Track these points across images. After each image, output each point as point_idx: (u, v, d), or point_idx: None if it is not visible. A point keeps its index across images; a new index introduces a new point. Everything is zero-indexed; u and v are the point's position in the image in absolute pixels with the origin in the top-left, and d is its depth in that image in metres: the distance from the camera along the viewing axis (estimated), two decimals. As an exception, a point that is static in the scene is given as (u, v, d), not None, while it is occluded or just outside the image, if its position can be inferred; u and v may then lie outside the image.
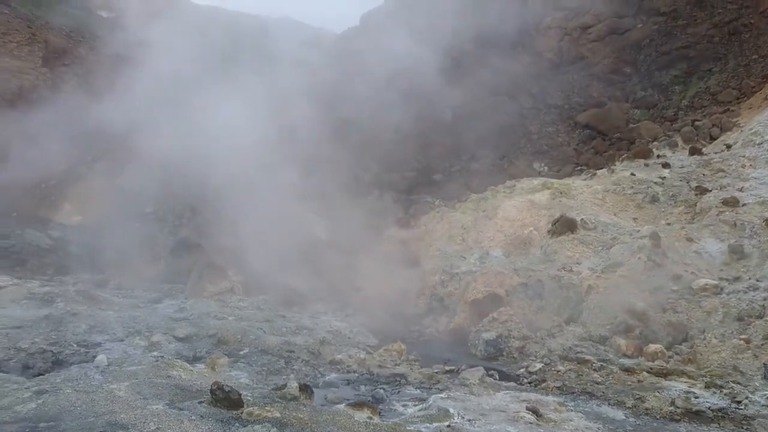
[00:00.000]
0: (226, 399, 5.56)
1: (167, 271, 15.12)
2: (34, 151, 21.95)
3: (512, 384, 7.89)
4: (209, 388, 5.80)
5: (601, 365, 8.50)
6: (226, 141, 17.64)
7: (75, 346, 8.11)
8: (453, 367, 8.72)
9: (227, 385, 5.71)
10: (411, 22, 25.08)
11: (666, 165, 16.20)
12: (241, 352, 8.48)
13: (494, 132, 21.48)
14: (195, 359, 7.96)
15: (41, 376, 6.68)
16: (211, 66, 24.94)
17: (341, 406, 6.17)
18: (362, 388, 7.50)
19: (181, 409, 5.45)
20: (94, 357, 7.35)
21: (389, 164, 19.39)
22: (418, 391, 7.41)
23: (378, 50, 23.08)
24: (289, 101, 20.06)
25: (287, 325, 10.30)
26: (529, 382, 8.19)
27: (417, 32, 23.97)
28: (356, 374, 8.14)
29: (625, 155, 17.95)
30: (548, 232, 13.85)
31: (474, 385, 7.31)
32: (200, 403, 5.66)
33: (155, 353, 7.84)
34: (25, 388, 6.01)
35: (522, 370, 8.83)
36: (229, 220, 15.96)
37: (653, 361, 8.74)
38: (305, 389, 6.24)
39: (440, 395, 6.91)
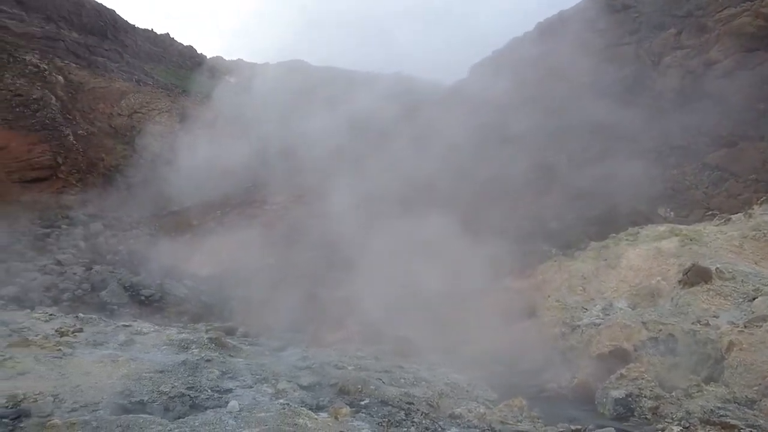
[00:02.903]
0: (351, 450, 5.63)
1: (289, 320, 15.74)
2: (172, 206, 24.12)
3: (648, 448, 7.31)
4: (335, 438, 5.91)
5: (751, 431, 7.67)
6: (343, 196, 18.37)
7: (209, 391, 8.59)
8: (579, 427, 8.26)
9: (352, 436, 5.79)
10: (518, 71, 25.11)
11: (814, 208, 14.71)
12: (362, 402, 8.57)
13: (613, 177, 20.63)
14: (318, 408, 8.15)
15: (181, 419, 7.12)
16: (326, 121, 26.31)
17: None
18: (484, 444, 7.30)
19: (309, 458, 5.58)
20: (227, 402, 7.74)
21: (503, 213, 19.14)
22: (544, 451, 7.08)
23: (488, 100, 23.26)
24: (401, 154, 20.64)
25: (405, 376, 10.30)
26: (667, 447, 7.55)
27: (525, 80, 23.94)
28: (477, 429, 7.93)
29: (765, 198, 16.52)
30: (679, 282, 12.91)
31: (605, 447, 6.87)
32: (325, 452, 5.76)
33: (282, 401, 8.11)
34: (168, 430, 6.44)
35: (658, 433, 8.17)
36: (347, 272, 16.42)
37: (814, 429, 7.76)
38: (428, 444, 6.17)
39: (569, 457, 6.56)
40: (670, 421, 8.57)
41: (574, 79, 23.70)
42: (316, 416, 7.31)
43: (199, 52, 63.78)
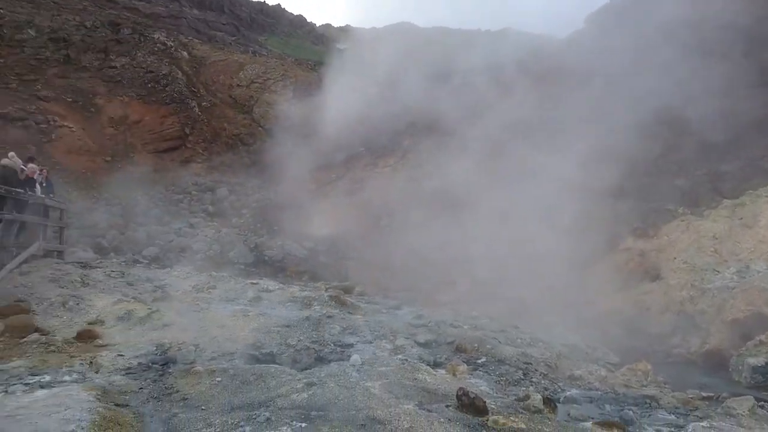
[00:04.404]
0: (471, 405, 5.72)
1: (403, 280, 16.08)
2: (289, 171, 25.20)
3: (793, 420, 6.78)
4: (455, 393, 6.02)
5: None
6: (454, 156, 18.21)
7: (332, 345, 9.06)
8: (711, 394, 7.82)
9: (472, 392, 5.88)
10: (642, 17, 23.26)
11: None
12: (479, 361, 8.65)
13: (750, 128, 18.75)
14: (436, 364, 8.33)
15: (308, 370, 7.54)
16: (438, 82, 26.03)
17: (587, 424, 5.92)
18: (607, 407, 7.12)
19: (430, 411, 5.73)
20: (349, 356, 8.10)
21: (624, 169, 18.10)
22: (673, 416, 6.79)
23: (607, 51, 21.84)
24: (513, 111, 20.05)
25: (521, 337, 10.23)
26: (815, 420, 6.96)
27: (650, 26, 22.15)
28: (599, 392, 7.75)
29: None
30: (830, 242, 11.69)
31: (743, 416, 6.46)
32: (447, 406, 5.89)
33: (400, 356, 8.37)
34: (297, 380, 6.85)
35: (804, 404, 7.54)
36: (460, 231, 16.41)
37: None
38: (549, 403, 6.14)
39: (701, 423, 6.24)
40: (819, 392, 7.90)
41: (704, 24, 21.56)
42: (434, 372, 7.48)
43: (308, 20, 65.38)
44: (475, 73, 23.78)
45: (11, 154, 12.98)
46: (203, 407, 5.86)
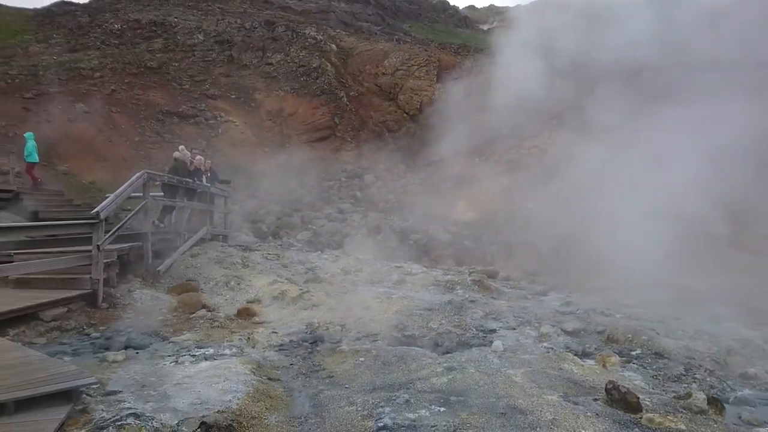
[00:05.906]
0: (622, 400, 5.33)
1: (549, 264, 15.46)
2: (434, 156, 25.28)
3: None
4: (604, 386, 5.65)
5: None
6: (603, 132, 17.05)
7: (474, 330, 8.95)
8: None
9: (623, 386, 5.46)
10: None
11: None
12: (633, 353, 8.03)
13: None
14: (584, 354, 7.88)
15: (448, 354, 7.53)
16: (587, 55, 24.48)
17: (763, 430, 5.24)
18: (789, 412, 6.25)
19: (575, 404, 5.43)
20: (491, 342, 7.95)
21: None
22: None
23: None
24: (665, 80, 18.23)
25: (683, 328, 9.33)
26: None
27: None
28: (779, 394, 6.84)
29: None
30: None
31: None
32: (595, 400, 5.55)
33: (545, 344, 8.04)
34: (438, 363, 6.87)
35: None
36: (611, 214, 15.33)
37: None
38: (715, 403, 5.52)
39: None
40: None
41: None
42: (582, 362, 7.09)
43: (451, 4, 64.91)
44: (631, 44, 21.90)
45: (181, 147, 14.46)
46: (347, 386, 6.08)
